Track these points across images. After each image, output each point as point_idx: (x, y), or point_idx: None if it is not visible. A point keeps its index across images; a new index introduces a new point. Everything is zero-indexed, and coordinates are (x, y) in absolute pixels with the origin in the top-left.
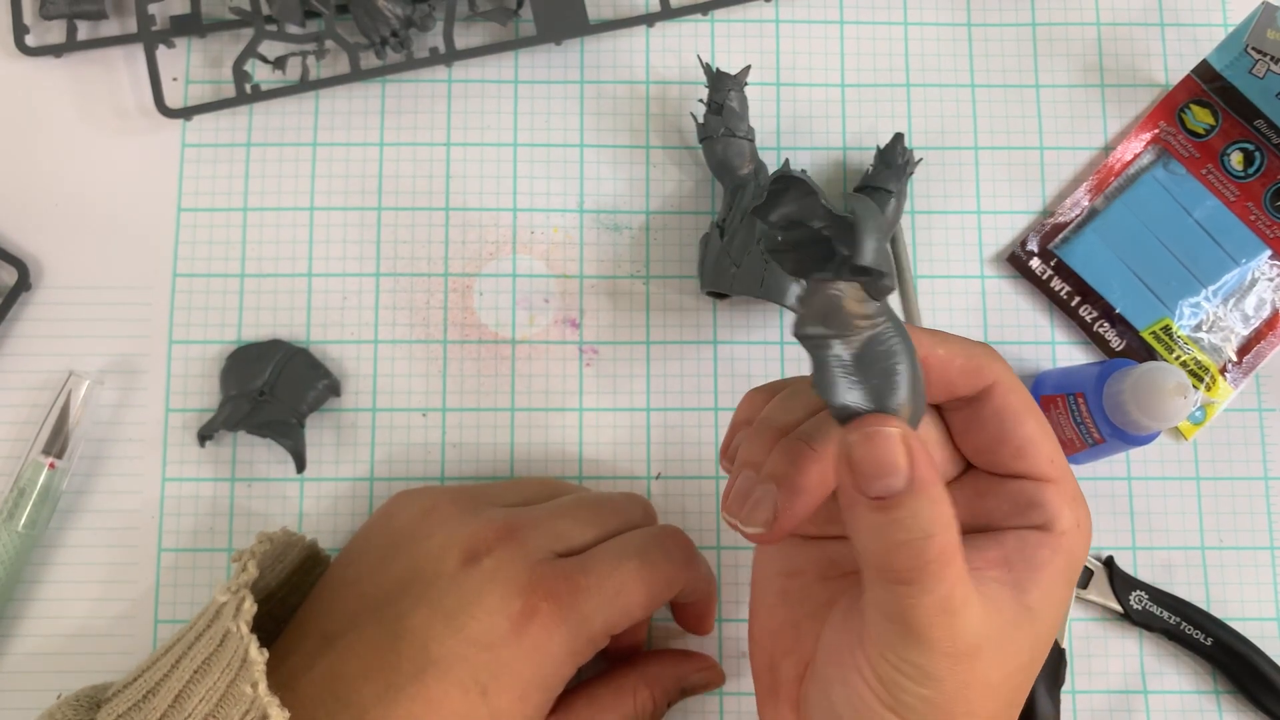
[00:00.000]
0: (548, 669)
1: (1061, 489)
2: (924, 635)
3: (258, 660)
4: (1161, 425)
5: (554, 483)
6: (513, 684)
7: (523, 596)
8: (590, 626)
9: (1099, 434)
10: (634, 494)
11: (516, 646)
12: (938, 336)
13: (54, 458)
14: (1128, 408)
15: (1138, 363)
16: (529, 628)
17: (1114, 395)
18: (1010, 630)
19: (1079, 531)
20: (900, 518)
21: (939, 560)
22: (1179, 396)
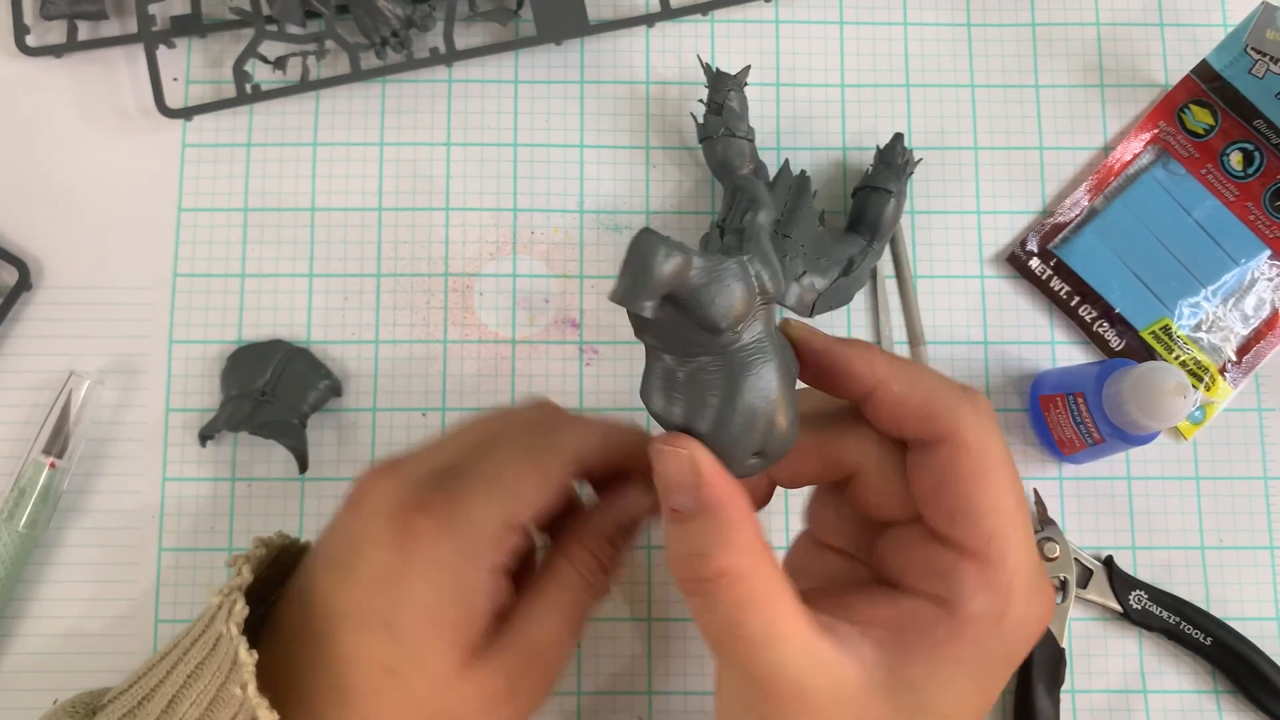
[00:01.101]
0: (448, 582)
1: (991, 573)
2: (722, 653)
3: (247, 662)
4: (1161, 425)
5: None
6: (417, 613)
7: (400, 521)
8: (479, 526)
9: (1098, 434)
10: (535, 398)
11: (408, 572)
12: (909, 372)
13: (54, 457)
14: (1127, 407)
15: (1137, 363)
16: (414, 549)
17: (1114, 395)
18: (870, 697)
19: (1001, 626)
20: (687, 531)
21: (717, 582)
22: (1178, 396)
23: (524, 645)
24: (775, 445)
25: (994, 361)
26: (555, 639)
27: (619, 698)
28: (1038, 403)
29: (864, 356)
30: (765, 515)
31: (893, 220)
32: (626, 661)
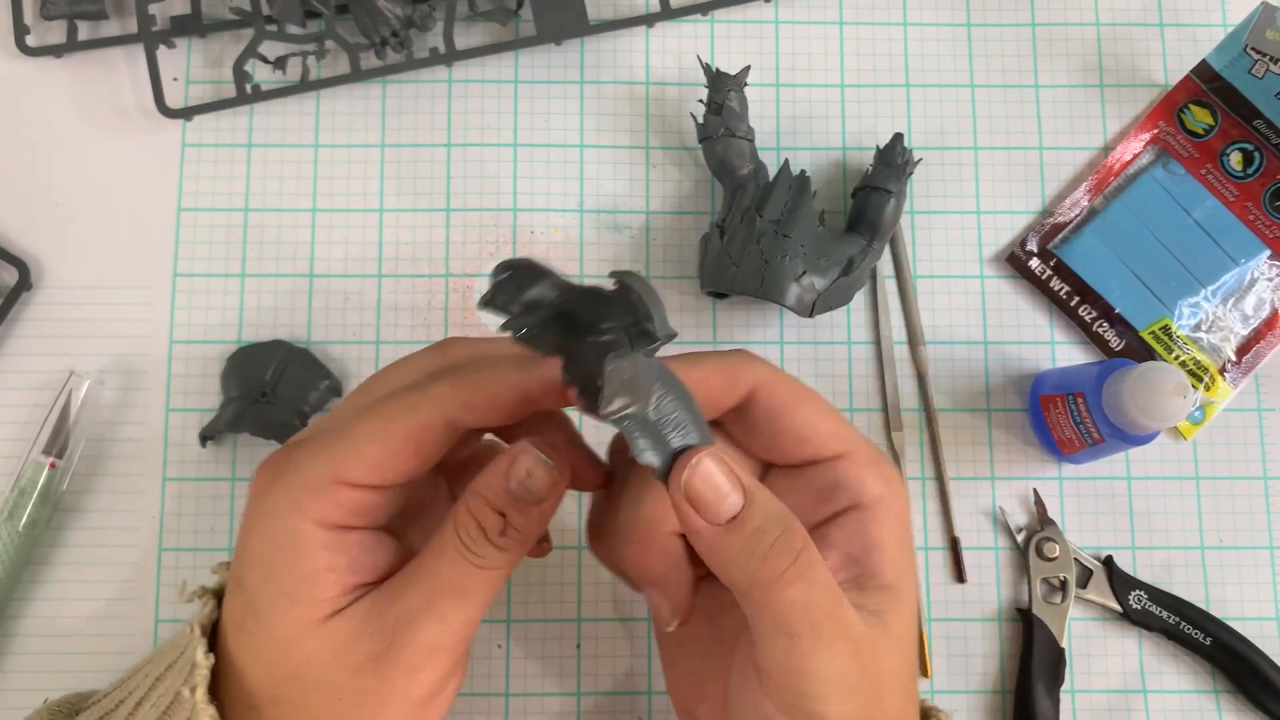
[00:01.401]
0: (278, 535)
1: (855, 459)
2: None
3: (201, 664)
4: (1161, 425)
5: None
6: (254, 567)
7: (254, 480)
8: (304, 478)
9: (1098, 434)
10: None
11: (248, 528)
12: (690, 360)
13: (54, 457)
14: (1127, 408)
15: (1137, 363)
16: (252, 505)
17: (1113, 395)
18: (886, 617)
19: (891, 490)
20: (756, 527)
21: (807, 546)
22: (1178, 396)
23: (388, 612)
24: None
25: (994, 361)
26: (424, 609)
27: (619, 698)
28: (1037, 403)
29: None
30: None
31: (892, 220)
32: (626, 661)
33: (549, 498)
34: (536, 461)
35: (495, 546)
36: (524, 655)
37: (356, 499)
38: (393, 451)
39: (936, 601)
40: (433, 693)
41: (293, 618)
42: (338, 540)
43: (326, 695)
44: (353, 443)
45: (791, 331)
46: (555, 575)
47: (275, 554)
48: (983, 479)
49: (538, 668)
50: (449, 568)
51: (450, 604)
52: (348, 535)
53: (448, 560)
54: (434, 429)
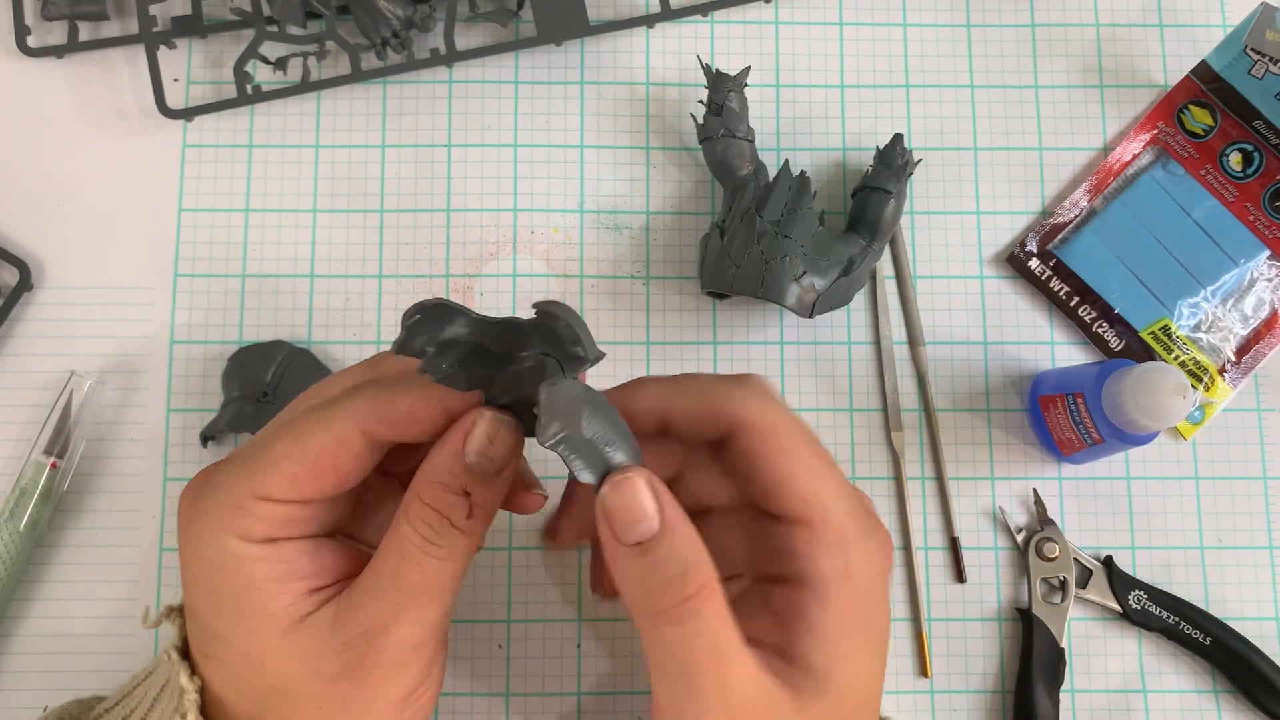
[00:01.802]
0: (209, 556)
1: (816, 532)
2: (698, 685)
3: (189, 690)
4: (1160, 425)
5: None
6: (199, 591)
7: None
8: (226, 492)
9: (1098, 434)
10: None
11: (183, 561)
12: (683, 385)
13: (55, 457)
14: (1127, 408)
15: (1137, 363)
16: (181, 530)
17: (1113, 395)
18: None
19: (851, 576)
20: (657, 558)
21: (700, 595)
22: (1178, 396)
23: (356, 620)
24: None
25: (993, 362)
26: (395, 614)
27: (619, 698)
28: (1037, 403)
29: (642, 392)
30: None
31: (892, 221)
32: (626, 661)
33: (511, 461)
34: (497, 423)
35: (461, 532)
36: (524, 655)
37: (280, 512)
38: (308, 468)
39: (936, 601)
40: (417, 684)
41: (252, 634)
42: (272, 552)
43: (305, 706)
44: (269, 460)
45: (791, 332)
46: (555, 575)
47: (213, 576)
48: (982, 479)
49: (538, 668)
50: (413, 568)
51: (421, 605)
52: (281, 545)
53: (411, 561)
54: (350, 444)
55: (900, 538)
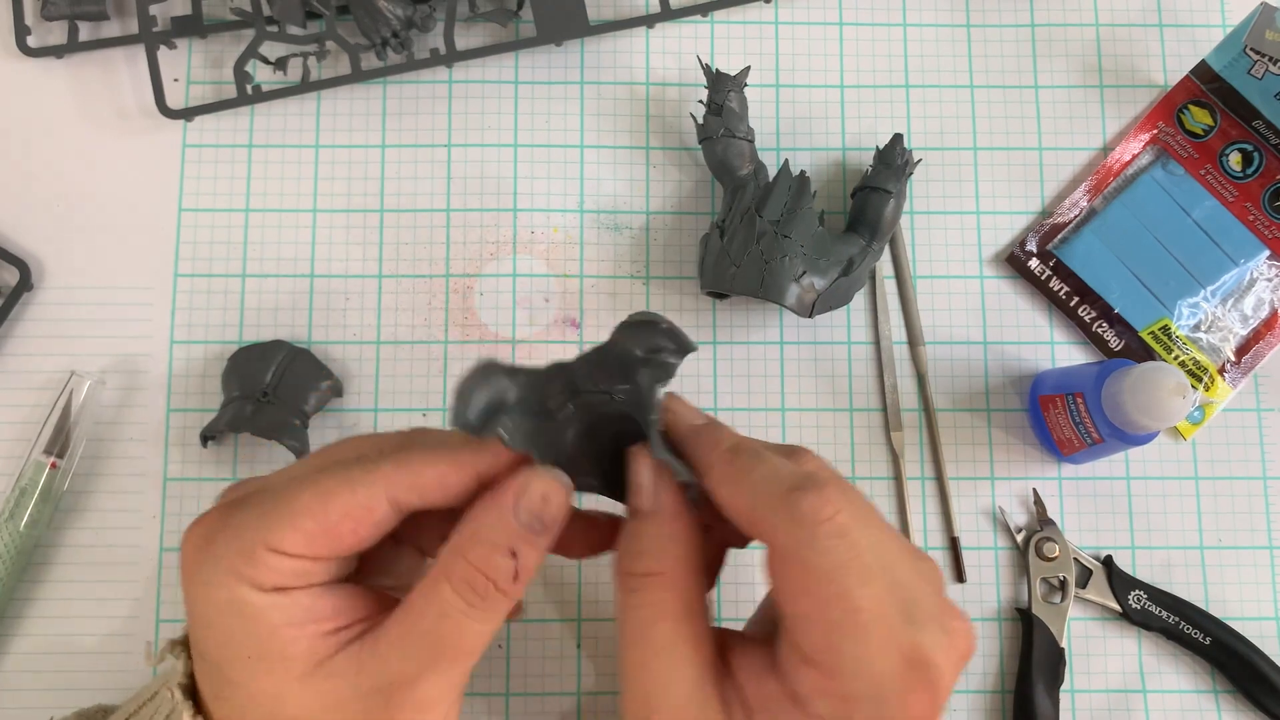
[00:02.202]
0: (220, 602)
1: (829, 681)
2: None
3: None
4: (1160, 425)
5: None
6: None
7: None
8: (239, 539)
9: (1098, 434)
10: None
11: (192, 601)
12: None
13: (55, 457)
14: (1126, 408)
15: (1136, 363)
16: (188, 575)
17: (1113, 395)
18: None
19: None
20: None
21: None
22: (1178, 396)
23: (383, 671)
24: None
25: (993, 362)
26: (425, 669)
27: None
28: (1037, 403)
29: (705, 446)
30: None
31: (892, 220)
32: None
33: (561, 520)
34: (552, 481)
35: (505, 595)
36: (524, 655)
37: (292, 566)
38: (327, 529)
39: None
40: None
41: (268, 677)
42: (284, 599)
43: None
44: (288, 513)
45: (791, 331)
46: (555, 575)
47: (227, 620)
48: (982, 479)
49: (538, 668)
50: (451, 629)
51: (453, 666)
52: (294, 593)
53: (450, 622)
54: (373, 511)
55: None
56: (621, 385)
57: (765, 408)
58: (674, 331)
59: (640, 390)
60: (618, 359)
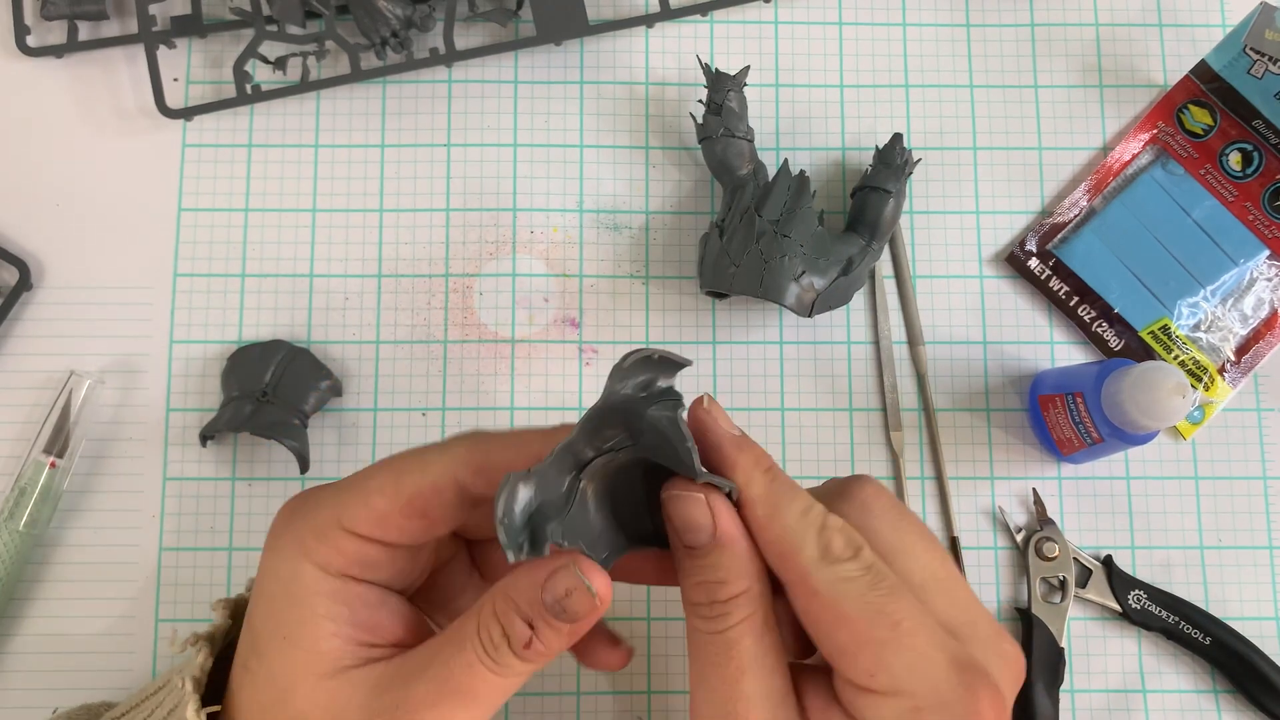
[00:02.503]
0: (284, 575)
1: (888, 703)
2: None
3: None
4: (1160, 424)
5: None
6: (262, 605)
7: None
8: (315, 516)
9: (1098, 434)
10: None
11: (260, 570)
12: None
13: (55, 457)
14: (1126, 407)
15: (1136, 362)
16: (266, 546)
17: (1113, 395)
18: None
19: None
20: (705, 564)
21: (731, 603)
22: (1178, 396)
23: (394, 694)
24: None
25: (993, 361)
26: (430, 704)
27: (619, 698)
28: (1037, 403)
29: (747, 461)
30: None
31: (892, 220)
32: None
33: (585, 619)
34: (578, 582)
35: (518, 658)
36: None
37: (360, 550)
38: (398, 507)
39: None
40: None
41: (290, 662)
42: (340, 589)
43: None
44: (362, 493)
45: (791, 331)
46: None
47: (279, 594)
48: (982, 479)
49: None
50: (463, 669)
51: (458, 706)
52: (350, 586)
53: (464, 661)
54: (443, 491)
55: None
56: (627, 437)
57: (765, 407)
58: (665, 356)
59: (659, 428)
60: (618, 411)
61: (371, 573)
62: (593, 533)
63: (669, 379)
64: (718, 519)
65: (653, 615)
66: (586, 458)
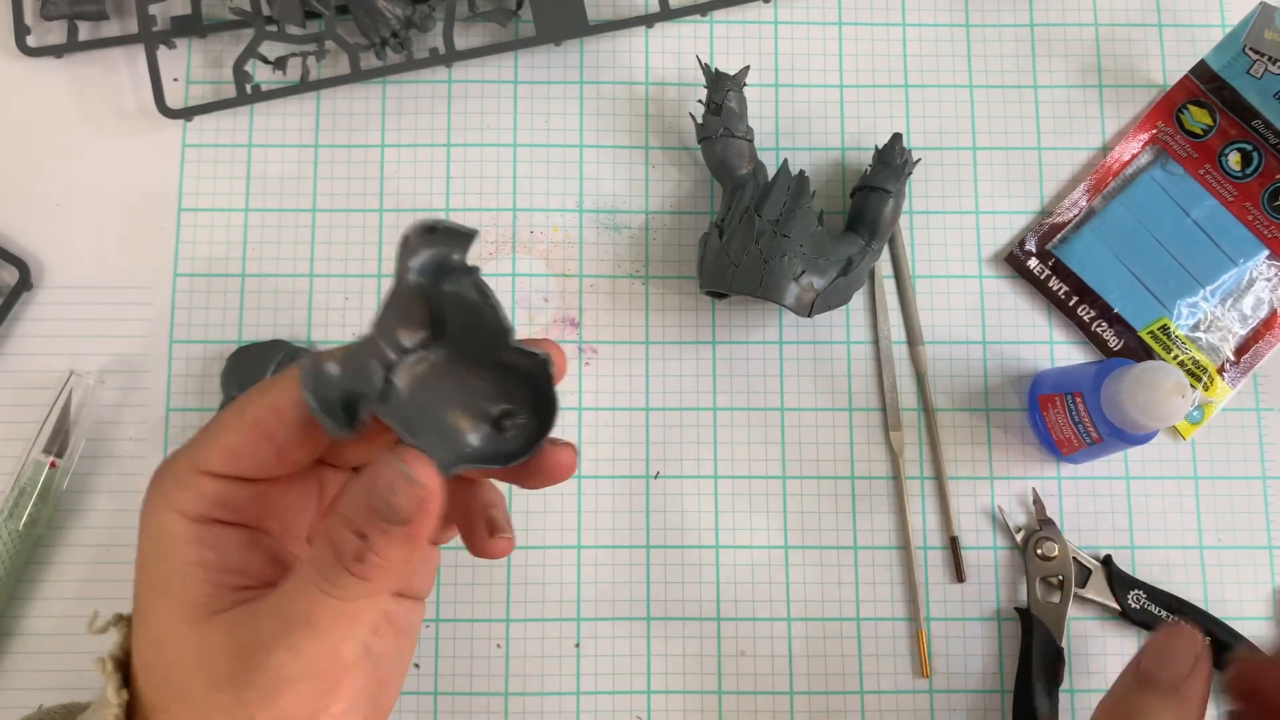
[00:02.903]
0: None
1: None
2: None
3: (113, 703)
4: (1160, 424)
5: None
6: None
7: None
8: (173, 466)
9: (1097, 433)
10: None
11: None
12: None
13: (55, 457)
14: (1125, 407)
15: (1136, 362)
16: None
17: (1112, 395)
18: None
19: None
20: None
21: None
22: (1177, 395)
23: (249, 630)
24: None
25: (992, 361)
26: (277, 637)
27: (619, 697)
28: (1036, 403)
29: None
30: None
31: (891, 220)
32: (626, 661)
33: (416, 520)
34: (398, 474)
35: (352, 575)
36: (524, 655)
37: (218, 490)
38: (244, 437)
39: (935, 601)
40: (305, 715)
41: (163, 615)
42: (206, 534)
43: (189, 708)
44: (212, 432)
45: (790, 331)
46: (555, 575)
47: (149, 549)
48: (982, 478)
49: (537, 668)
50: (303, 597)
51: (302, 636)
52: (217, 530)
53: (303, 589)
54: (283, 410)
55: (899, 537)
56: (430, 338)
57: (764, 407)
58: (450, 227)
59: (461, 297)
60: (414, 298)
61: (233, 512)
62: (418, 427)
63: (462, 255)
64: (1192, 675)
65: (652, 616)
66: (390, 359)
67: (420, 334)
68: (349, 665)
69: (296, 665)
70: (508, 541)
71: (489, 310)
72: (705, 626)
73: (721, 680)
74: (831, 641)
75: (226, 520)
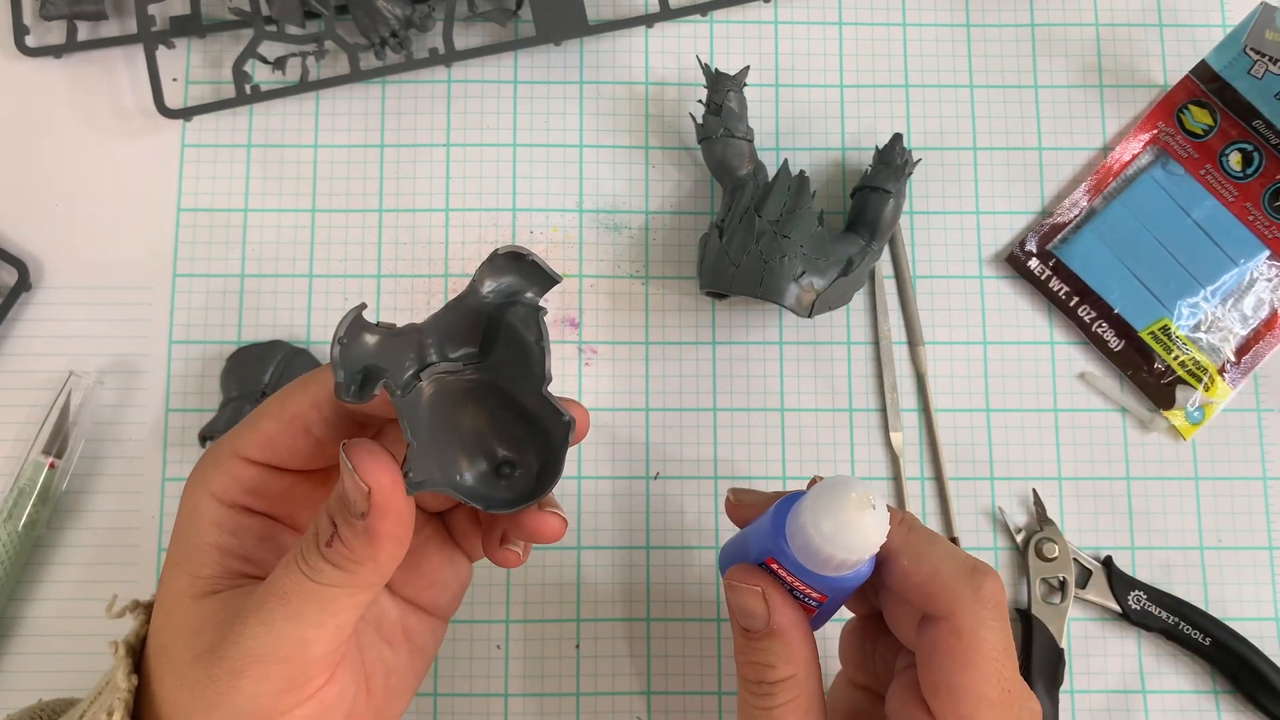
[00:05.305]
0: (185, 508)
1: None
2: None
3: (122, 687)
4: (861, 553)
5: None
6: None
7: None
8: (215, 450)
9: (816, 590)
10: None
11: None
12: (920, 546)
13: (54, 457)
14: (815, 545)
15: (804, 492)
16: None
17: (797, 534)
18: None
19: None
20: (757, 647)
21: (778, 685)
22: (865, 509)
23: (235, 605)
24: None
25: (993, 362)
26: (254, 608)
27: (618, 698)
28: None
29: (902, 546)
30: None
31: (892, 220)
32: (626, 661)
33: (371, 515)
34: (344, 467)
35: (323, 558)
36: (523, 655)
37: (252, 476)
38: (282, 427)
39: None
40: (264, 709)
41: (175, 586)
42: (230, 520)
43: (173, 677)
44: (254, 420)
45: (790, 331)
46: (555, 575)
47: (181, 524)
48: (982, 479)
49: (537, 668)
50: (283, 570)
51: (276, 609)
52: (241, 518)
53: (285, 563)
54: (323, 405)
55: None
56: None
57: (764, 408)
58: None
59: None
60: (476, 313)
61: (263, 501)
62: (423, 433)
63: (537, 294)
64: (773, 611)
65: (652, 616)
66: (429, 359)
67: (465, 349)
68: (315, 660)
69: (266, 640)
70: (515, 555)
71: (538, 355)
72: (705, 627)
73: (721, 680)
74: (831, 642)
75: (254, 509)
